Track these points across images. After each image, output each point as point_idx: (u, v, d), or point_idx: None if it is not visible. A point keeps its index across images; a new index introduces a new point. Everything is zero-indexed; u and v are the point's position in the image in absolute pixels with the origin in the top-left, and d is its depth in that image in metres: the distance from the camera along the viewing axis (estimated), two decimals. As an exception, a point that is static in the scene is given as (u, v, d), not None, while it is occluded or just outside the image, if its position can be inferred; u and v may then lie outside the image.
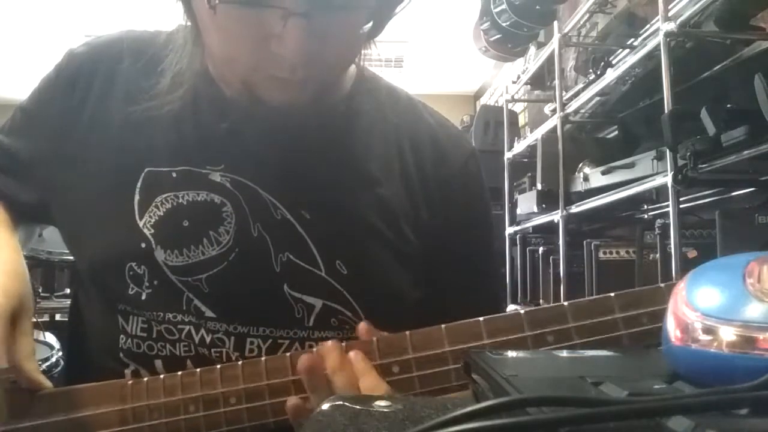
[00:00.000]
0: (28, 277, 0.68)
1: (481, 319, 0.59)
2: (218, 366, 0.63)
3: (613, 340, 0.57)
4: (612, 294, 0.58)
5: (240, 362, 0.63)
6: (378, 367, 0.59)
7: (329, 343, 0.60)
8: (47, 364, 1.46)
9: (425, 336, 0.59)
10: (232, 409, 0.61)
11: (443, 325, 0.59)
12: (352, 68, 0.77)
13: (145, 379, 0.64)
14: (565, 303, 0.59)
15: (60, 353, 1.54)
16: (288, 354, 0.62)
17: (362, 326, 0.63)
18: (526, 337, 0.58)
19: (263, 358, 0.62)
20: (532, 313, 0.59)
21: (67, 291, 2.97)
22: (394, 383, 0.59)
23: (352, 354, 0.59)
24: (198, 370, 0.63)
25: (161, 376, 0.64)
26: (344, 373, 0.58)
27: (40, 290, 2.89)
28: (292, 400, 0.59)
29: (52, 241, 0.79)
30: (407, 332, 0.60)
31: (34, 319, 0.68)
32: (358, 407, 0.35)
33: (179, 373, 0.63)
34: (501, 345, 0.58)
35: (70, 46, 0.79)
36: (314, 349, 0.61)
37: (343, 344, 0.61)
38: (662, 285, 0.57)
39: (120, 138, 0.72)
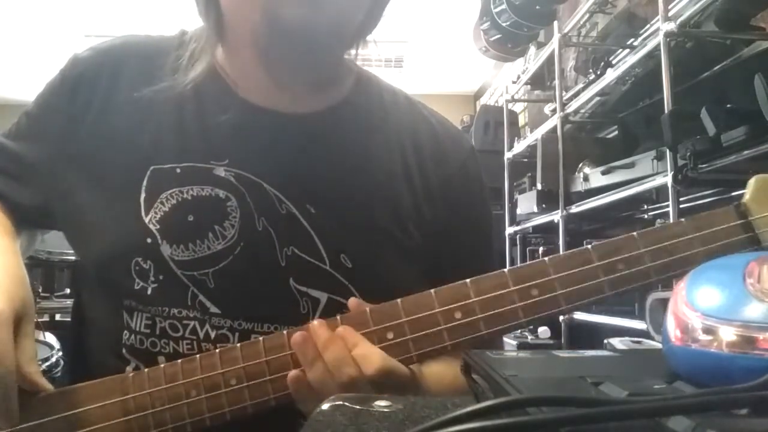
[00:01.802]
0: (28, 282, 0.69)
1: (467, 280, 0.61)
2: (217, 350, 0.63)
3: (593, 288, 0.60)
4: (588, 246, 0.62)
5: (238, 344, 0.63)
6: (373, 334, 0.61)
7: (316, 322, 0.61)
8: (47, 364, 1.46)
9: (416, 301, 0.62)
10: (233, 390, 0.62)
11: (432, 290, 0.62)
12: (352, 68, 0.78)
13: (146, 369, 0.65)
14: (546, 259, 0.62)
15: (60, 353, 1.54)
16: (285, 332, 0.63)
17: (353, 301, 0.64)
18: (512, 293, 0.60)
19: (261, 338, 0.63)
20: (516, 271, 0.62)
21: (67, 291, 2.98)
22: (388, 348, 0.60)
23: (341, 329, 0.61)
24: (198, 356, 0.63)
25: (161, 365, 0.64)
26: (335, 345, 0.59)
27: (40, 290, 2.89)
28: (292, 372, 0.60)
29: (52, 241, 0.79)
30: (398, 299, 0.62)
31: (34, 319, 0.68)
32: (358, 407, 0.35)
33: (179, 361, 0.64)
34: (489, 302, 0.61)
35: (70, 47, 0.79)
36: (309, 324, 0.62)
37: (338, 317, 0.62)
38: (635, 234, 0.61)
39: (125, 137, 0.73)
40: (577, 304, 0.61)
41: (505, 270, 0.62)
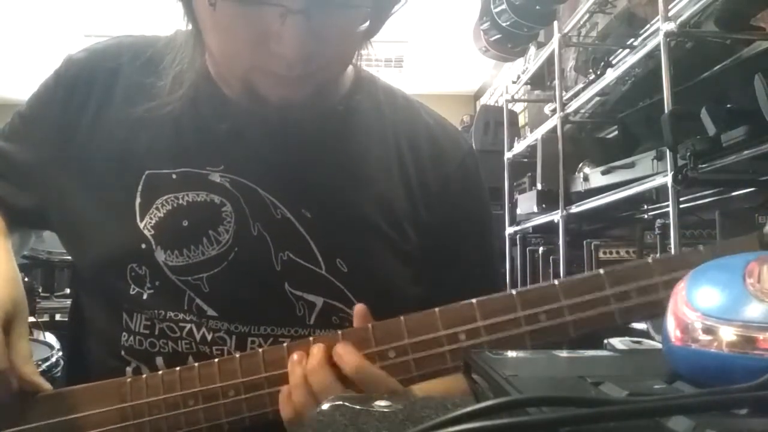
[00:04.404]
0: (20, 282, 0.68)
1: (474, 301, 0.60)
2: (216, 360, 0.63)
3: (604, 316, 0.58)
4: (601, 271, 0.59)
5: (238, 355, 0.63)
6: (374, 354, 0.60)
7: (317, 347, 0.59)
8: (47, 364, 1.46)
9: (420, 320, 0.60)
10: (231, 401, 0.62)
11: (437, 309, 0.60)
12: (350, 69, 0.78)
13: (144, 376, 0.65)
14: (556, 282, 0.59)
15: (60, 353, 1.54)
16: (285, 345, 0.62)
17: (359, 309, 0.63)
18: (519, 317, 0.59)
19: (261, 350, 0.63)
20: (524, 294, 0.59)
21: (67, 291, 2.97)
22: (390, 368, 0.59)
23: (339, 349, 0.59)
24: (196, 364, 0.63)
25: (159, 372, 0.64)
26: (321, 373, 0.58)
27: (40, 290, 2.89)
28: (283, 388, 0.60)
29: (52, 241, 0.79)
30: (401, 317, 0.60)
31: (34, 319, 0.68)
32: (358, 407, 0.35)
33: (177, 368, 0.64)
34: (495, 326, 0.59)
35: (70, 46, 0.79)
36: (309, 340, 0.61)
37: (339, 333, 0.61)
38: (650, 260, 0.58)
39: (120, 141, 0.72)
40: (586, 331, 0.58)
41: (514, 292, 0.60)
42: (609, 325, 0.58)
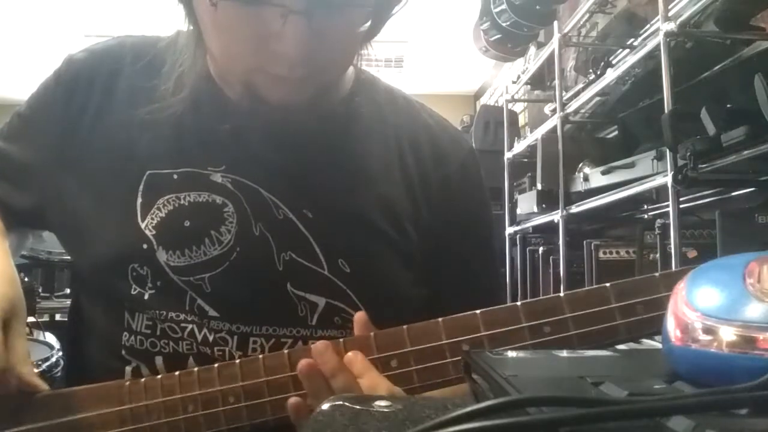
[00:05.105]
0: (18, 281, 0.68)
1: (478, 311, 0.59)
2: (216, 365, 0.63)
3: (609, 330, 0.58)
4: (607, 284, 0.58)
5: (238, 360, 0.63)
6: (376, 362, 0.59)
7: (320, 344, 0.60)
8: (47, 364, 1.46)
9: (422, 329, 0.60)
10: (231, 408, 0.61)
11: (440, 319, 0.60)
12: (351, 70, 0.78)
13: (143, 379, 0.64)
14: (561, 294, 0.59)
15: (60, 353, 1.54)
16: (286, 351, 0.62)
17: (359, 317, 0.63)
18: (523, 329, 0.58)
19: (261, 356, 0.62)
20: (529, 305, 0.59)
21: (67, 291, 2.98)
22: (392, 377, 0.59)
23: (350, 354, 0.59)
24: (196, 369, 0.63)
25: (159, 376, 0.64)
26: (343, 374, 0.58)
27: (40, 290, 2.89)
28: (293, 399, 0.59)
29: (52, 241, 0.79)
30: (404, 326, 0.60)
31: (34, 319, 0.68)
32: (358, 407, 0.35)
33: (177, 372, 0.63)
34: (498, 337, 0.58)
35: (70, 46, 0.78)
36: (311, 346, 0.61)
37: (341, 340, 0.61)
38: (656, 274, 0.58)
39: (122, 141, 0.72)
40: (591, 344, 0.57)
41: (518, 303, 0.59)
42: (614, 338, 0.57)
